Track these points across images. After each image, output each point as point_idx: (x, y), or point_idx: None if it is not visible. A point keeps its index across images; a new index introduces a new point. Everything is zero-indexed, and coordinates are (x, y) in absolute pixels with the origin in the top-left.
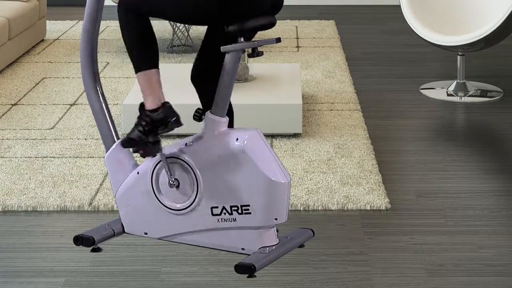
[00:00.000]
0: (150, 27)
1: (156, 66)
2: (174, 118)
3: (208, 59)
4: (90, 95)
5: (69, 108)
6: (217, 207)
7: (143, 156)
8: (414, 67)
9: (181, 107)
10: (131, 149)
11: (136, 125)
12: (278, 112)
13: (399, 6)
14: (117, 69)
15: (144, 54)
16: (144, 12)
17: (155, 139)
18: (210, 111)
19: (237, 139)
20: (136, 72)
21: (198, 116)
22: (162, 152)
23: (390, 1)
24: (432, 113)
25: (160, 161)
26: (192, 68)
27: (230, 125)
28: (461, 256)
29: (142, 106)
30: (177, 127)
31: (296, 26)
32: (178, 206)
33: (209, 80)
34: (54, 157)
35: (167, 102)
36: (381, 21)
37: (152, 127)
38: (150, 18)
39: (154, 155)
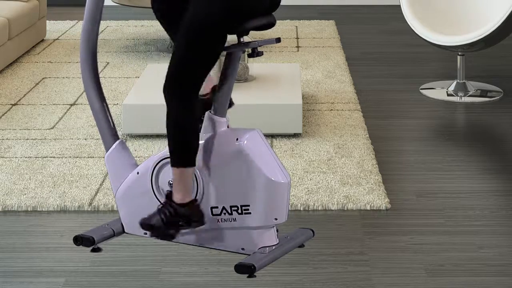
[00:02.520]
0: (197, 118)
1: (193, 164)
2: (198, 219)
3: None
4: (90, 95)
5: (69, 108)
6: (217, 207)
7: (156, 238)
8: (414, 67)
9: None
10: (149, 235)
11: (160, 211)
12: (278, 112)
13: (399, 6)
14: (117, 69)
15: (186, 152)
16: (192, 81)
17: (174, 233)
18: (210, 111)
19: (237, 139)
20: (173, 165)
21: (199, 117)
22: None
23: (390, 1)
24: (432, 113)
25: (160, 161)
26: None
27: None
28: (461, 256)
29: (170, 195)
30: (199, 226)
31: (296, 26)
32: None
33: (170, 2)
34: (54, 157)
35: (196, 200)
36: (381, 21)
37: (175, 220)
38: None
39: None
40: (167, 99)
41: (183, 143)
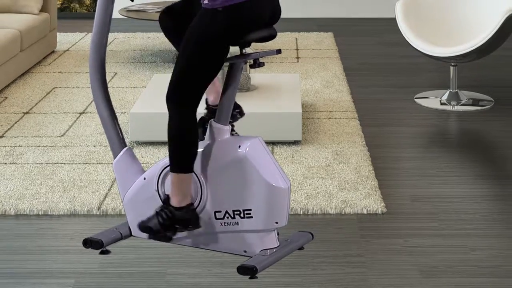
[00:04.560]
0: (196, 130)
1: (191, 170)
2: (195, 222)
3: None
4: (98, 104)
5: (79, 116)
6: (220, 211)
7: (154, 239)
8: (408, 77)
9: None
10: (147, 237)
11: (157, 214)
12: (278, 120)
13: (394, 19)
14: (125, 79)
15: (185, 159)
16: (194, 93)
17: (171, 235)
18: (214, 120)
19: (239, 146)
20: (172, 170)
21: (202, 124)
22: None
23: (385, 14)
24: (426, 121)
25: (166, 167)
26: (176, 4)
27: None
28: (454, 258)
29: (168, 199)
30: (195, 229)
31: (296, 38)
32: None
33: (179, 17)
34: (64, 163)
35: (192, 204)
36: (377, 33)
37: (172, 223)
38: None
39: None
40: (169, 107)
41: (181, 150)
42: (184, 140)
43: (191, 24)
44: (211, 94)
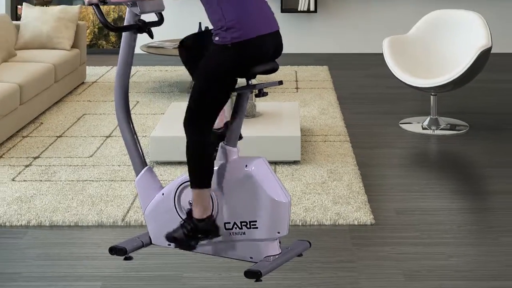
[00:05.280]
0: (212, 149)
1: (209, 185)
2: (215, 232)
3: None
4: (123, 129)
5: (105, 139)
6: (229, 222)
7: (179, 248)
8: (394, 105)
9: None
10: (173, 246)
11: (182, 226)
12: (280, 143)
13: (382, 54)
14: (146, 107)
15: (203, 176)
16: (207, 117)
17: (194, 244)
18: (224, 142)
19: (246, 165)
20: (192, 187)
21: (213, 147)
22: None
23: (374, 50)
24: (409, 144)
25: (181, 184)
26: (188, 37)
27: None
28: (434, 263)
29: (190, 212)
30: (215, 237)
31: (296, 71)
32: None
33: (194, 49)
34: (92, 180)
35: (212, 216)
36: (367, 66)
37: (195, 234)
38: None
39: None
40: (186, 132)
41: (199, 168)
42: (201, 159)
43: (204, 58)
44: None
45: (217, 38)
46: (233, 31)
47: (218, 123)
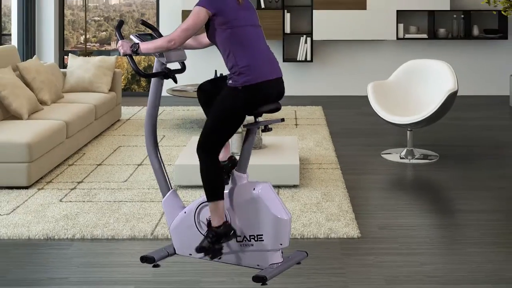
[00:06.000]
0: (220, 169)
1: (222, 197)
2: (232, 233)
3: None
4: (152, 158)
5: (137, 167)
6: (240, 236)
7: (211, 258)
8: (377, 139)
9: None
10: (204, 255)
11: (206, 236)
12: (282, 170)
13: (367, 96)
14: (171, 140)
15: (216, 190)
16: (219, 144)
17: (220, 246)
18: (235, 169)
19: (254, 188)
20: (208, 200)
21: (226, 173)
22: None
23: (360, 93)
24: (389, 171)
25: (200, 204)
26: (205, 83)
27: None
28: (410, 270)
29: (209, 223)
30: (234, 238)
31: (295, 110)
32: None
33: (210, 92)
34: (126, 201)
35: (227, 221)
36: (355, 106)
37: (217, 239)
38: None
39: (220, 257)
40: (199, 156)
41: (212, 185)
42: (212, 177)
43: (218, 97)
44: (221, 153)
45: (230, 82)
46: (244, 76)
47: (224, 156)
